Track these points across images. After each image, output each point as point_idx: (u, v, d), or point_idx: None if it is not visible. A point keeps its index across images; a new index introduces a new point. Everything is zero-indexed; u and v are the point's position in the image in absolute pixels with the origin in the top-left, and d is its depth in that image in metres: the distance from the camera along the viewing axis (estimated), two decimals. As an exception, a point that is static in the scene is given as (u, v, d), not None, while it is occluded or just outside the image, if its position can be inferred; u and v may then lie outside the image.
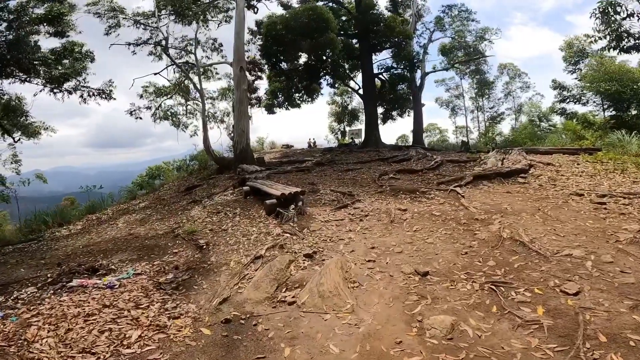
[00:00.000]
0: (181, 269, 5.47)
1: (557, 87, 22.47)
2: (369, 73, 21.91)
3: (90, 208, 12.89)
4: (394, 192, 8.73)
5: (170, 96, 21.04)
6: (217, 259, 5.72)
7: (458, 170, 10.95)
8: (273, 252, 5.62)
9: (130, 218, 9.99)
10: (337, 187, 9.89)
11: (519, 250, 4.83)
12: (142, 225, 8.70)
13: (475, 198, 7.65)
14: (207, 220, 8.06)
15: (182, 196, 11.88)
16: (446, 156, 13.93)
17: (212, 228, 7.39)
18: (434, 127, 38.00)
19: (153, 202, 12.13)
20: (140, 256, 6.23)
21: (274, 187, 8.19)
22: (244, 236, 6.59)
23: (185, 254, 6.13)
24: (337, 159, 15.53)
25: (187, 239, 6.81)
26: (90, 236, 8.55)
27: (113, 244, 7.25)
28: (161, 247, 6.70)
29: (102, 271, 5.62)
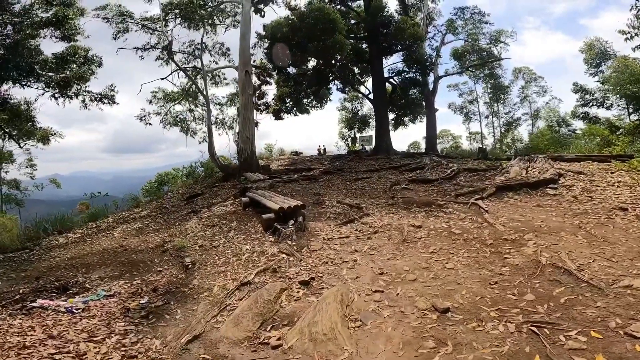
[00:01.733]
0: (159, 292, 4.92)
1: (579, 91, 21.37)
2: (380, 77, 21.06)
3: (93, 215, 12.62)
4: (407, 204, 7.81)
5: (178, 102, 20.71)
6: (200, 283, 5.06)
7: (477, 180, 9.97)
8: (264, 278, 4.81)
9: (127, 227, 9.65)
10: (344, 199, 9.03)
11: (564, 280, 3.90)
12: (137, 236, 8.32)
13: (501, 213, 6.69)
14: (199, 234, 7.41)
15: (183, 205, 11.51)
16: (463, 164, 12.98)
17: (202, 244, 6.70)
18: (446, 133, 36.97)
19: (154, 210, 11.71)
20: (123, 273, 5.78)
21: (272, 200, 7.40)
22: (235, 255, 5.81)
23: (169, 273, 5.59)
24: (345, 167, 14.86)
25: (175, 256, 6.26)
26: (83, 247, 8.21)
27: (99, 258, 6.85)
28: (147, 263, 6.24)
29: (73, 290, 5.21)
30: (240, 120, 15.72)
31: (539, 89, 32.54)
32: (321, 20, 14.73)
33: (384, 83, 21.69)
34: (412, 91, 22.86)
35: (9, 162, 24.12)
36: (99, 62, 15.95)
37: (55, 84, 14.48)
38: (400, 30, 18.04)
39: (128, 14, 16.56)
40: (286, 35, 15.58)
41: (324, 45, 14.96)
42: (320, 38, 14.96)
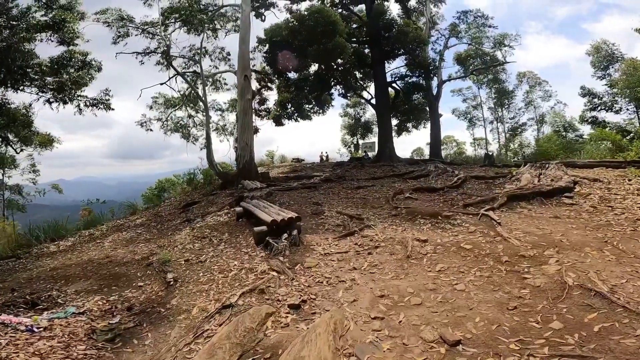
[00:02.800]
0: (134, 311, 4.52)
1: (587, 94, 20.73)
2: (382, 82, 20.62)
3: (89, 223, 12.30)
4: (411, 215, 7.23)
5: (178, 107, 20.41)
6: (180, 302, 4.57)
7: (486, 189, 9.40)
8: (249, 300, 4.27)
9: (119, 236, 9.25)
10: (344, 208, 8.48)
11: (596, 304, 3.35)
12: (126, 246, 7.93)
13: (515, 225, 6.11)
14: (187, 247, 6.90)
15: (178, 214, 11.06)
16: (469, 171, 12.43)
17: (189, 258, 6.20)
18: (450, 139, 36.33)
19: (149, 218, 11.34)
20: (101, 287, 5.39)
21: (266, 211, 6.87)
22: (222, 272, 5.29)
23: (150, 290, 5.17)
24: (347, 175, 14.43)
25: (159, 270, 5.77)
26: (70, 256, 7.86)
27: (82, 269, 6.46)
28: (129, 277, 5.78)
29: (43, 305, 4.82)
30: (238, 126, 15.31)
31: (544, 94, 31.89)
32: (321, 23, 14.32)
33: (387, 88, 21.25)
34: (415, 96, 22.42)
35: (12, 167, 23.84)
36: (98, 67, 15.63)
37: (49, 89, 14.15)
38: (402, 34, 17.63)
39: (128, 18, 16.28)
40: (286, 38, 15.18)
41: (325, 48, 14.53)
42: (320, 41, 14.53)
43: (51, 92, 14.27)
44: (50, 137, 23.41)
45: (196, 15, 16.43)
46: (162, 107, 20.47)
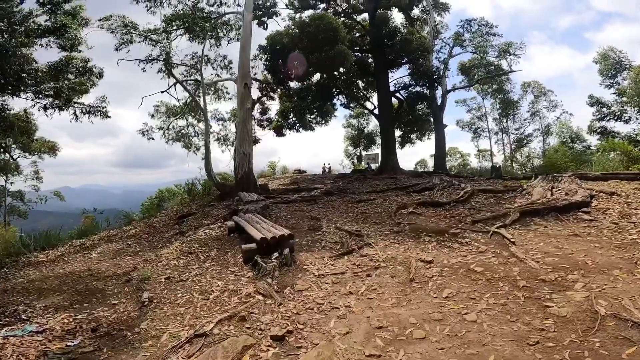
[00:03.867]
0: (99, 332, 4.05)
1: (595, 104, 20.14)
2: (385, 91, 20.21)
3: (82, 232, 12.01)
4: (415, 232, 6.65)
5: (180, 116, 20.15)
6: (150, 326, 4.03)
7: (495, 203, 8.83)
8: (227, 328, 3.74)
9: (108, 248, 8.90)
10: (343, 224, 7.92)
11: (634, 337, 2.85)
12: (113, 259, 7.56)
13: (531, 244, 5.53)
14: (172, 262, 6.32)
15: (172, 225, 10.74)
16: (476, 184, 11.88)
17: (171, 275, 5.63)
18: (454, 150, 35.78)
19: (143, 229, 10.99)
20: (73, 303, 4.96)
21: (257, 227, 6.35)
22: (202, 293, 4.75)
23: (122, 309, 4.65)
24: (349, 188, 14.03)
25: (136, 288, 5.27)
26: (53, 267, 7.57)
27: (60, 282, 6.04)
28: (105, 293, 5.30)
29: (4, 321, 4.45)
30: (237, 136, 14.91)
31: (549, 104, 31.38)
32: (322, 30, 13.99)
33: (390, 98, 20.83)
34: (419, 106, 21.96)
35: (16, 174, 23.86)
36: (99, 74, 15.40)
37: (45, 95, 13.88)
38: (406, 42, 17.28)
39: (132, 25, 16.06)
40: (287, 46, 14.84)
41: (326, 56, 14.17)
42: (322, 49, 14.18)
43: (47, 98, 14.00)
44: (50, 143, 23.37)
45: (198, 22, 16.22)
46: (164, 115, 20.25)
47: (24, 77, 13.22)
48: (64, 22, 13.50)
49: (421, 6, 22.52)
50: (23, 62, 12.96)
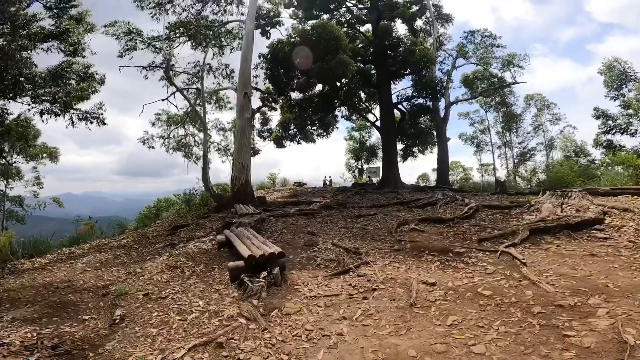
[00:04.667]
0: (59, 350, 3.70)
1: (601, 116, 19.66)
2: (388, 103, 19.94)
3: (74, 240, 11.78)
4: (417, 251, 6.18)
5: (180, 125, 19.93)
6: (116, 347, 3.66)
7: (502, 220, 8.35)
8: (200, 356, 3.34)
9: (96, 257, 8.60)
10: (341, 240, 7.47)
11: None
12: (97, 270, 7.23)
13: (544, 265, 5.06)
14: (155, 277, 5.90)
15: (164, 236, 10.40)
16: (481, 200, 11.43)
17: (150, 291, 5.22)
18: (456, 164, 35.27)
19: (135, 239, 10.66)
20: (43, 316, 4.69)
21: (247, 243, 5.92)
22: (180, 313, 4.34)
23: (92, 326, 4.32)
24: (348, 202, 13.60)
25: (111, 303, 4.94)
26: (35, 276, 7.30)
27: (35, 293, 5.82)
28: (79, 307, 5.01)
29: None
30: (235, 146, 14.64)
31: (552, 117, 31.05)
32: (324, 38, 13.73)
33: (393, 110, 20.56)
34: (421, 119, 21.64)
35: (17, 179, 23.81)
36: (101, 80, 15.21)
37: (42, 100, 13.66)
38: (409, 53, 17.04)
39: (137, 31, 15.98)
40: (288, 55, 14.59)
41: (328, 65, 13.89)
42: (323, 58, 13.92)
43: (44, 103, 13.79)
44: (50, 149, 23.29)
45: (201, 30, 16.11)
46: (165, 124, 20.09)
47: (21, 81, 13.00)
48: (67, 26, 13.38)
49: (424, 17, 22.41)
50: (21, 65, 12.76)
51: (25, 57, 13.25)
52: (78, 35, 13.76)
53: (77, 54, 14.36)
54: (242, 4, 17.49)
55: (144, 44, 15.94)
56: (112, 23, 15.69)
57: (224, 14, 17.77)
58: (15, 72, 12.64)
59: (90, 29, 14.61)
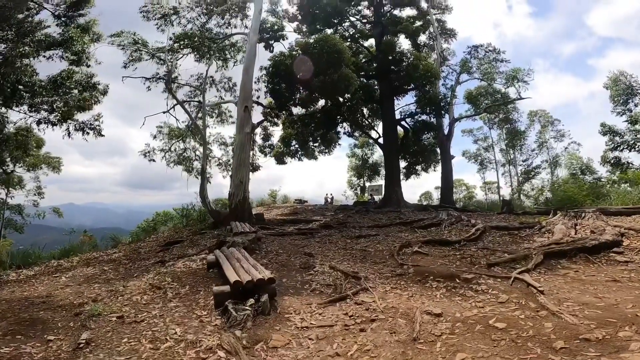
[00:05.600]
0: None
1: (607, 132, 19.16)
2: (391, 119, 19.63)
3: (65, 252, 11.68)
4: (421, 276, 5.65)
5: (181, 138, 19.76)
6: None
7: (511, 242, 7.83)
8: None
9: (82, 272, 8.29)
10: (339, 262, 6.97)
11: None
12: (79, 285, 6.88)
13: (563, 293, 4.55)
14: (135, 298, 5.51)
15: (157, 252, 10.20)
16: (487, 220, 10.94)
17: (126, 313, 4.81)
18: (460, 182, 34.68)
19: (126, 254, 10.43)
20: (6, 334, 4.36)
21: (236, 265, 5.45)
22: (153, 342, 3.92)
23: (55, 348, 3.93)
24: (349, 221, 13.22)
25: (81, 324, 4.55)
26: (14, 289, 7.06)
27: (7, 308, 5.49)
28: (48, 325, 4.65)
29: None
30: (234, 162, 14.36)
31: (556, 133, 30.61)
32: (326, 51, 13.48)
33: (396, 126, 20.24)
34: (425, 136, 21.25)
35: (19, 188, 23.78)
36: (103, 90, 15.05)
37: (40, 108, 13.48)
38: (413, 67, 16.77)
39: (142, 42, 15.91)
40: (290, 68, 14.33)
41: (330, 79, 13.60)
42: (326, 72, 13.64)
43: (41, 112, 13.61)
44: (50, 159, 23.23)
45: (204, 42, 16.03)
46: (167, 137, 19.91)
47: (19, 89, 12.82)
48: (71, 34, 13.28)
49: (428, 32, 22.26)
50: (19, 72, 12.60)
51: (26, 64, 13.15)
52: (82, 44, 13.66)
53: (81, 62, 14.34)
54: (247, 17, 17.53)
55: (149, 55, 15.89)
56: (118, 33, 15.69)
57: (228, 27, 17.82)
58: (14, 80, 12.49)
59: (96, 39, 14.68)
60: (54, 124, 14.16)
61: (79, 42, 13.56)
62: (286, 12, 20.09)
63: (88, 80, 14.62)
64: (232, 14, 17.41)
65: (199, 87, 18.12)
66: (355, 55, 18.28)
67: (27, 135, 17.17)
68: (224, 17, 17.42)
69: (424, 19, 20.85)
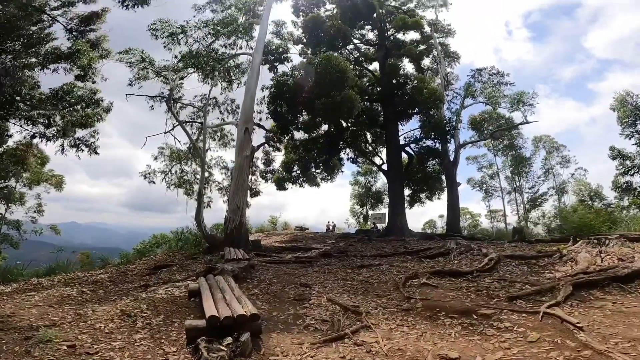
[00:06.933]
0: None
1: (617, 156, 18.50)
2: (395, 145, 19.12)
3: (51, 270, 11.15)
4: (431, 311, 4.86)
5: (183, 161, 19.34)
6: None
7: (530, 272, 7.04)
8: None
9: (59, 292, 7.78)
10: (339, 295, 6.22)
11: None
12: (50, 306, 6.34)
13: (605, 328, 3.78)
14: (99, 325, 4.87)
15: (144, 275, 9.75)
16: (499, 249, 10.17)
17: (81, 342, 4.19)
18: (464, 211, 33.76)
19: (112, 276, 9.83)
20: None
21: (218, 297, 4.73)
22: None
23: None
24: (350, 250, 12.56)
25: (26, 350, 4.07)
26: None
27: None
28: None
29: None
30: (231, 185, 13.86)
31: (562, 159, 29.85)
32: (329, 71, 13.13)
33: (400, 152, 19.70)
34: (430, 162, 20.69)
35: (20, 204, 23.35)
36: (107, 108, 14.85)
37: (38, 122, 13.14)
38: (417, 91, 16.38)
39: (149, 60, 15.74)
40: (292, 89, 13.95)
41: (333, 101, 13.20)
42: (329, 93, 13.25)
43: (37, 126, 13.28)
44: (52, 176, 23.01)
45: (209, 61, 15.87)
46: (168, 159, 19.51)
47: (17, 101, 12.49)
48: (78, 47, 13.15)
49: (432, 56, 22.04)
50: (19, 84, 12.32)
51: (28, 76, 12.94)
52: (89, 58, 13.43)
53: (87, 78, 14.10)
54: (252, 39, 17.44)
55: (155, 73, 15.73)
56: (126, 50, 15.52)
57: (234, 47, 17.67)
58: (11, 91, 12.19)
59: (105, 55, 14.52)
60: (48, 138, 13.77)
61: (85, 56, 13.35)
62: (291, 35, 20.03)
63: (91, 96, 14.34)
64: (239, 35, 17.39)
65: (202, 108, 17.86)
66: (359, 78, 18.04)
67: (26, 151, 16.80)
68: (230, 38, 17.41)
69: (427, 43, 20.73)
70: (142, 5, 14.43)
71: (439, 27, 22.48)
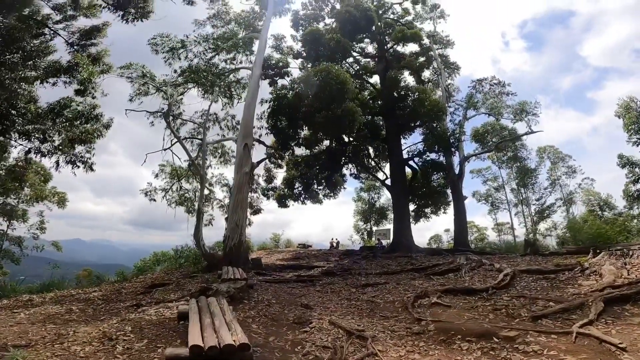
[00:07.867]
0: None
1: (627, 164, 18.05)
2: (398, 159, 18.70)
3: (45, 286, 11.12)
4: (445, 335, 4.33)
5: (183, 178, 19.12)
6: None
7: (551, 288, 6.48)
8: None
9: (47, 309, 7.46)
10: (342, 316, 5.70)
11: None
12: (33, 324, 6.07)
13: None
14: (75, 348, 4.49)
15: (139, 293, 9.54)
16: (513, 263, 9.58)
17: None
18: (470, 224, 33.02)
19: (105, 294, 9.60)
20: None
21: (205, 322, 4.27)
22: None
23: None
24: (355, 267, 12.15)
25: None
26: None
27: None
28: None
29: None
30: (231, 203, 13.53)
31: (568, 169, 29.26)
32: (329, 83, 12.84)
33: (403, 166, 19.27)
34: (434, 176, 20.18)
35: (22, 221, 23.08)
36: (107, 124, 14.59)
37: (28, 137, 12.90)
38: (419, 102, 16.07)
39: (150, 75, 15.58)
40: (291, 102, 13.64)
41: (334, 115, 12.89)
42: (329, 106, 12.96)
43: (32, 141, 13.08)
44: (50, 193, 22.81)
45: (208, 76, 15.73)
46: (169, 176, 19.17)
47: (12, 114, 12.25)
48: (77, 60, 13.04)
49: (432, 68, 21.84)
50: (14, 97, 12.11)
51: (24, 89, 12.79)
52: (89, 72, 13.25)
53: (86, 92, 13.95)
54: (252, 53, 17.30)
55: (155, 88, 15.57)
56: (127, 65, 15.36)
57: (233, 61, 17.62)
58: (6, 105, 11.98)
59: (107, 70, 14.42)
60: (43, 154, 13.52)
61: (85, 70, 13.20)
62: (291, 49, 19.95)
63: (90, 111, 14.12)
64: (239, 50, 17.29)
65: (202, 124, 17.65)
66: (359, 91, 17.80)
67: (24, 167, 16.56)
68: (231, 52, 17.31)
69: (427, 55, 20.55)
70: (142, 19, 14.43)
71: (437, 39, 22.42)
